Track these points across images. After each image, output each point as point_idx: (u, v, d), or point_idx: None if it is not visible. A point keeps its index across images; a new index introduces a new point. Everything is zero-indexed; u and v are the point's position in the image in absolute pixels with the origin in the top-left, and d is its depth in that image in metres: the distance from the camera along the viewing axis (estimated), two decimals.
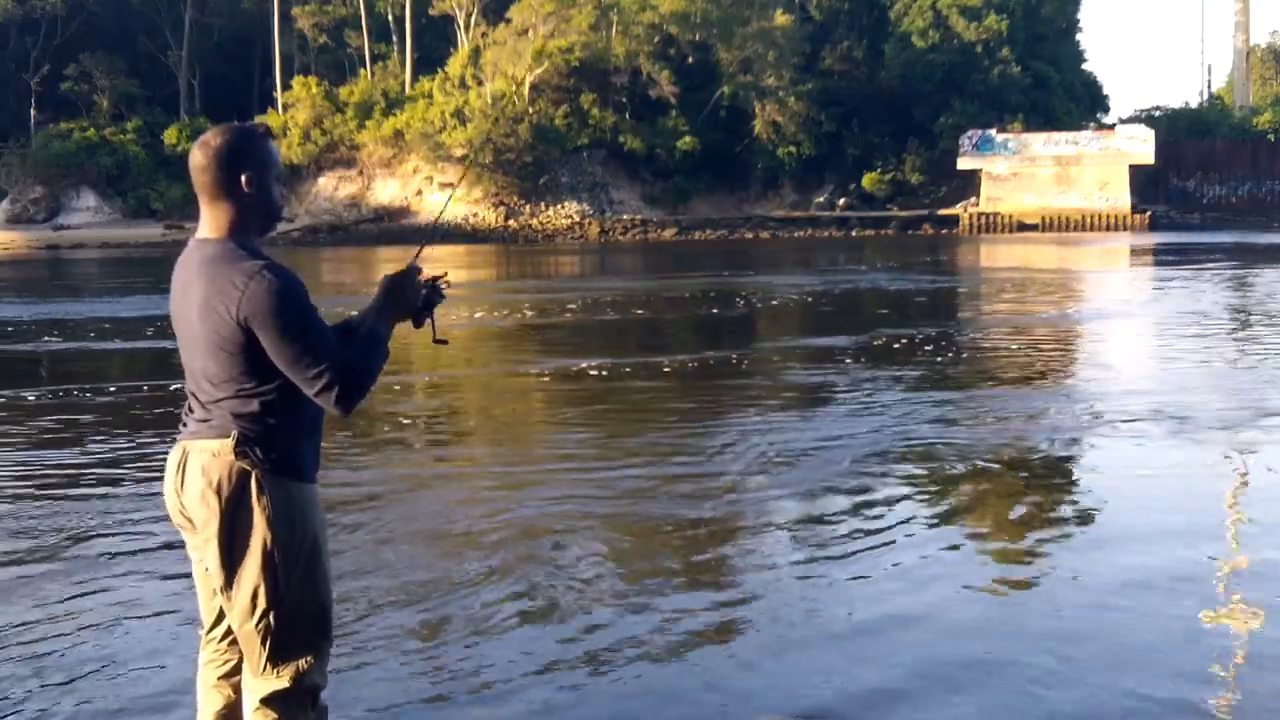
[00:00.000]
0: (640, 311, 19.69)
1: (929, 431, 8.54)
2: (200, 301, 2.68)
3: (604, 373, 12.07)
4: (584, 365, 12.54)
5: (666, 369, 12.30)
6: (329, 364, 2.64)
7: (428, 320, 3.00)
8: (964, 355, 13.26)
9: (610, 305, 20.44)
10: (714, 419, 9.22)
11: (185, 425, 2.81)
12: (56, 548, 5.86)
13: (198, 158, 2.74)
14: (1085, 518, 6.29)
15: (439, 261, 36.66)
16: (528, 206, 56.72)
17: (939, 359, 12.74)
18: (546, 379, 12.11)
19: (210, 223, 2.76)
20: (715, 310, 19.76)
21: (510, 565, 5.43)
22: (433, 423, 9.82)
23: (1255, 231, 47.96)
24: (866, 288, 23.54)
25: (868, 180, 57.23)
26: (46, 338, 16.47)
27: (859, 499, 6.68)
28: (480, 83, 57.75)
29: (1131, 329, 15.82)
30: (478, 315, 18.53)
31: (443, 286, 3.01)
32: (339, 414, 2.72)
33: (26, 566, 5.56)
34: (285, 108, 61.53)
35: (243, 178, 2.73)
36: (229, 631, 2.89)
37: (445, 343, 3.05)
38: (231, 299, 2.62)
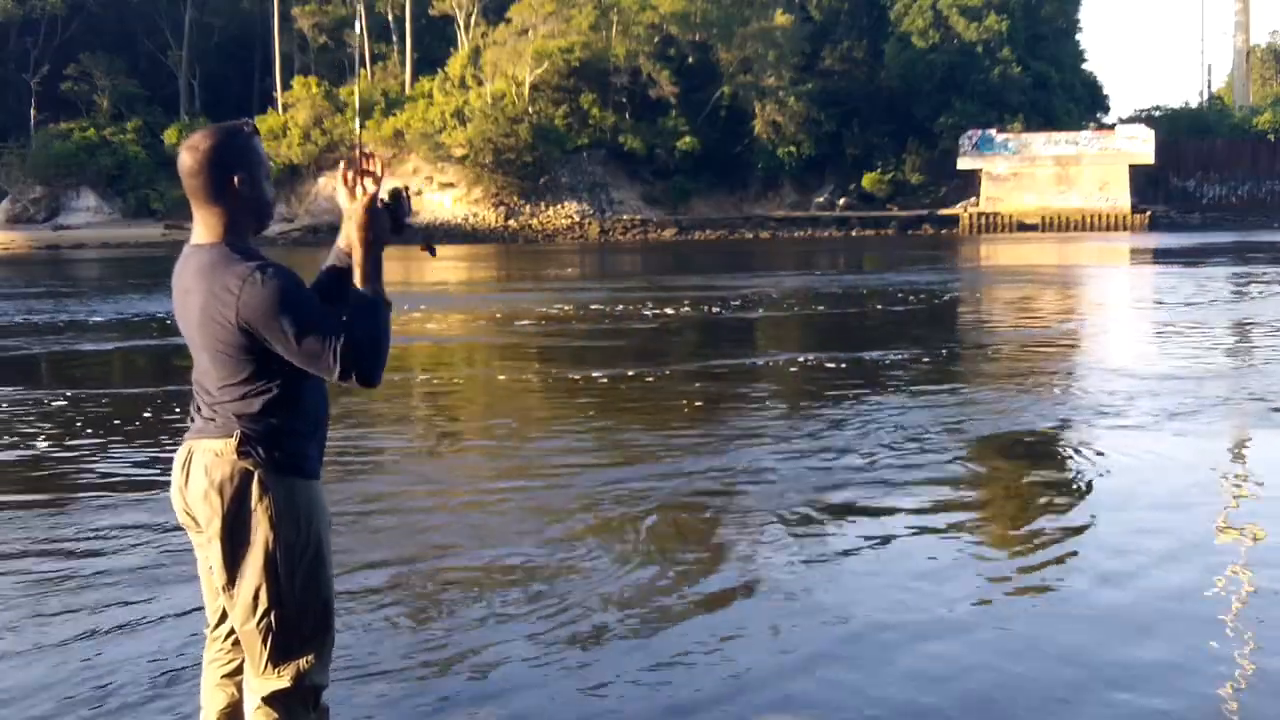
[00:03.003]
0: (820, 307, 19.77)
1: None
2: (199, 309, 2.68)
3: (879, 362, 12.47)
4: (820, 357, 12.78)
5: (926, 359, 12.74)
6: (340, 348, 2.61)
7: (409, 229, 2.85)
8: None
9: (789, 301, 20.44)
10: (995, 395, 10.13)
11: (192, 424, 2.82)
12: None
13: (187, 162, 2.71)
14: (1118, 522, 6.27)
15: (442, 261, 36.81)
16: (528, 206, 56.74)
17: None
18: (833, 369, 12.17)
19: (203, 226, 2.75)
20: (881, 306, 19.76)
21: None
22: (721, 407, 9.94)
23: (1256, 231, 48.05)
24: (994, 284, 23.95)
25: (868, 180, 57.25)
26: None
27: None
28: (480, 83, 57.77)
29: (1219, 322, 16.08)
30: (669, 310, 18.68)
31: (405, 194, 2.82)
32: (366, 387, 2.68)
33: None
34: (285, 108, 61.54)
35: (234, 178, 2.70)
36: (233, 630, 2.89)
37: (434, 251, 2.89)
38: (228, 305, 2.61)
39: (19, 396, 10.97)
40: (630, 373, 11.99)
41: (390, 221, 2.78)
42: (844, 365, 12.11)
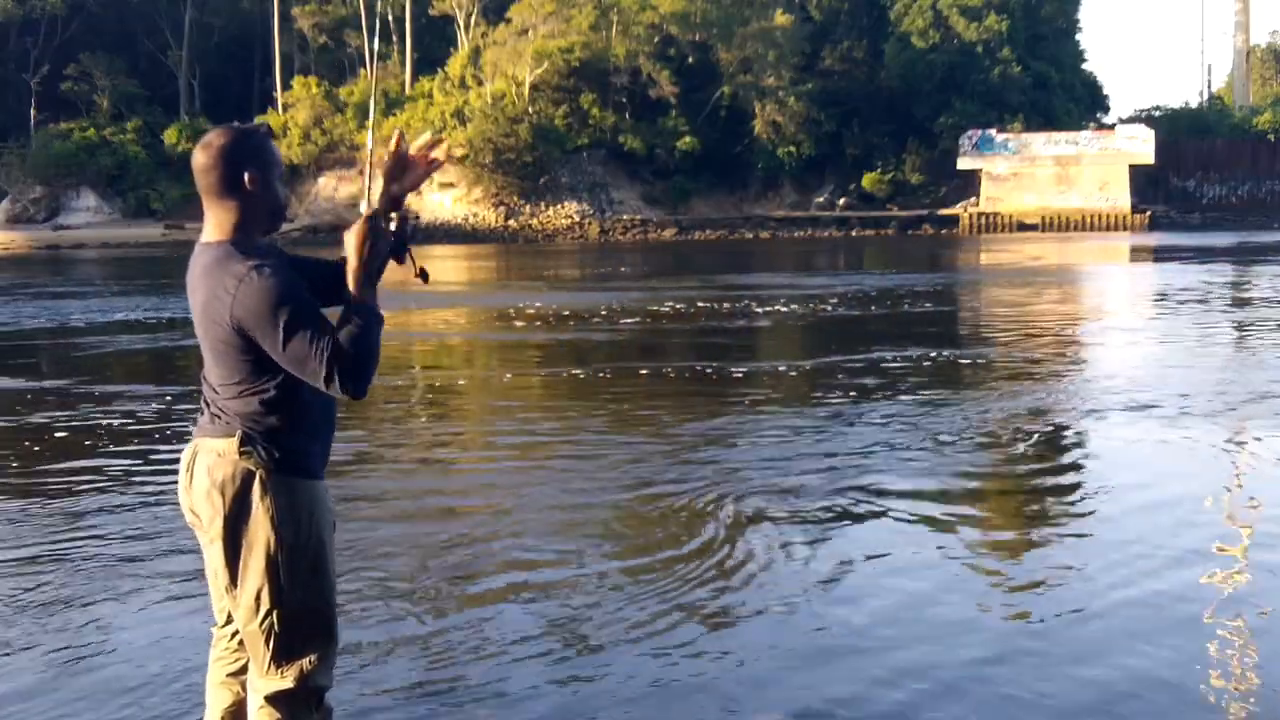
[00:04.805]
0: (927, 305, 19.76)
1: None
2: (201, 307, 2.69)
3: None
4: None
5: (1066, 352, 13.32)
6: (328, 355, 2.60)
7: (408, 256, 2.83)
8: None
9: (889, 299, 20.49)
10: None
11: (199, 423, 2.82)
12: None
13: (200, 159, 2.72)
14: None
15: (441, 259, 36.80)
16: (528, 206, 56.74)
17: None
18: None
19: (214, 224, 2.75)
20: (975, 306, 20.15)
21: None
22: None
23: (1257, 231, 48.04)
24: (1055, 283, 24.19)
25: (868, 180, 57.24)
26: None
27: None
28: (480, 83, 57.77)
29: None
30: (781, 308, 18.90)
31: (410, 217, 2.79)
32: (352, 398, 2.66)
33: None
34: (285, 108, 61.53)
35: (246, 176, 2.71)
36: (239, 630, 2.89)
37: (427, 278, 2.85)
38: (224, 304, 2.62)
39: (178, 391, 10.72)
40: (781, 367, 12.44)
41: (391, 244, 2.75)
42: (979, 362, 12.29)
